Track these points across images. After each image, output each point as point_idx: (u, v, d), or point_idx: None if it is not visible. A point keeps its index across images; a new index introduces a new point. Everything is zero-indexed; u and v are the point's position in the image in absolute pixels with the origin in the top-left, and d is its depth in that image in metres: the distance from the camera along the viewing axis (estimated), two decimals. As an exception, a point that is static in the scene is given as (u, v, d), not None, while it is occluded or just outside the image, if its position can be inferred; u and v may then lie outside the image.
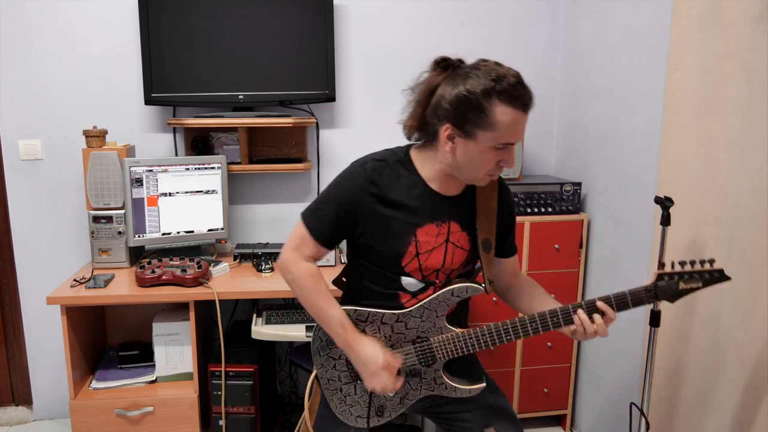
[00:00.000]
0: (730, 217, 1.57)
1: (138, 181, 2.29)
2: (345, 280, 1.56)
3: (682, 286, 1.29)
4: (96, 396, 2.14)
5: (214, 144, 2.54)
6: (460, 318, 1.47)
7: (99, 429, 2.12)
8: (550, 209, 2.38)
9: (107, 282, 2.13)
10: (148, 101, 2.37)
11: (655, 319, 1.63)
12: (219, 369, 2.19)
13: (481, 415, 1.49)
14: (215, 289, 2.07)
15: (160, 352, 2.21)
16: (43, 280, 2.56)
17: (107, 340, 2.56)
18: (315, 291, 1.37)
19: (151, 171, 2.31)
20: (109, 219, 2.28)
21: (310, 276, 1.37)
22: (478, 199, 1.40)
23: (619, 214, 2.21)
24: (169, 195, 2.35)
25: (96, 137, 2.27)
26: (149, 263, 2.20)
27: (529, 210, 2.37)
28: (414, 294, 1.39)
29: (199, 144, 2.49)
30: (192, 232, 2.40)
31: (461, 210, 1.39)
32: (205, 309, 2.49)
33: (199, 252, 2.46)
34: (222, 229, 2.45)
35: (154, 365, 2.24)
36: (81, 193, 2.50)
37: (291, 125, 2.43)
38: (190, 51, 2.34)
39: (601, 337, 1.30)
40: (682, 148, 1.73)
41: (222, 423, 2.22)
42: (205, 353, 2.48)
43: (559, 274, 2.41)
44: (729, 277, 1.29)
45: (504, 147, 1.26)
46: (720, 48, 1.58)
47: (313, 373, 1.53)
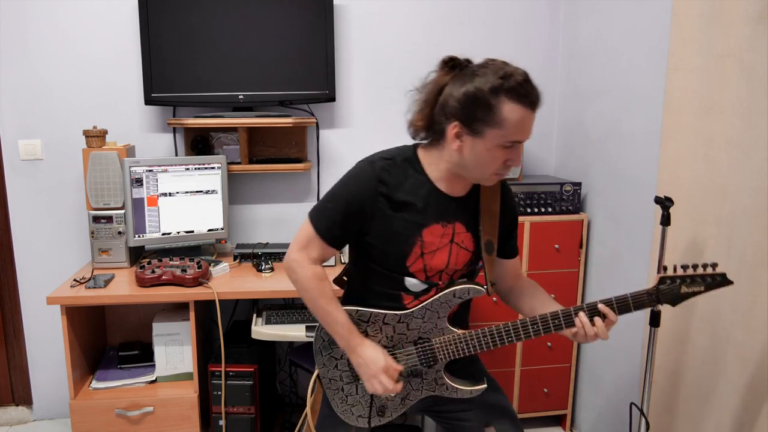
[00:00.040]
0: (729, 217, 1.57)
1: (138, 181, 2.29)
2: (346, 279, 1.56)
3: (684, 290, 1.29)
4: (96, 396, 2.14)
5: (214, 144, 2.54)
6: (461, 319, 1.47)
7: (99, 429, 2.12)
8: (550, 209, 2.39)
9: (107, 282, 2.13)
10: (148, 101, 2.37)
11: (655, 319, 1.63)
12: (219, 369, 2.19)
13: (482, 414, 1.50)
14: (215, 289, 2.07)
15: (160, 352, 2.21)
16: (43, 280, 2.56)
17: (107, 340, 2.56)
18: (320, 293, 1.37)
19: (151, 171, 2.31)
20: (109, 219, 2.28)
21: (317, 278, 1.37)
22: (481, 201, 1.40)
23: (619, 214, 2.21)
24: (169, 195, 2.35)
25: (96, 137, 2.27)
26: (149, 263, 2.20)
27: (529, 210, 2.38)
28: (417, 295, 1.40)
29: (199, 144, 2.49)
30: (192, 232, 2.40)
31: (466, 211, 1.39)
32: (205, 309, 2.49)
33: (199, 252, 2.46)
34: (222, 229, 2.45)
35: (154, 365, 2.24)
36: (81, 193, 2.50)
37: (291, 125, 2.43)
38: (190, 51, 2.34)
39: (602, 339, 1.30)
40: (681, 148, 1.74)
41: (222, 423, 2.22)
42: (205, 353, 2.48)
43: (559, 274, 2.41)
44: (731, 282, 1.29)
45: (511, 145, 1.26)
46: (720, 48, 1.58)
47: (315, 373, 1.53)
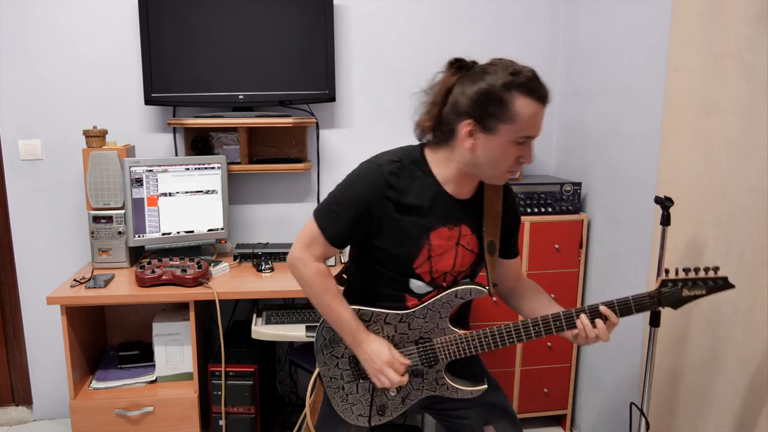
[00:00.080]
0: (729, 217, 1.57)
1: (138, 181, 2.29)
2: (345, 276, 1.56)
3: (686, 293, 1.29)
4: (96, 396, 2.14)
5: (214, 144, 2.54)
6: (462, 319, 1.48)
7: (99, 429, 2.12)
8: (550, 209, 2.39)
9: (107, 282, 2.13)
10: (148, 101, 2.37)
11: (655, 319, 1.63)
12: (219, 369, 2.19)
13: (481, 413, 1.50)
14: (215, 289, 2.07)
15: (160, 352, 2.21)
16: (43, 280, 2.56)
17: (107, 340, 2.56)
18: (325, 290, 1.37)
19: (151, 171, 2.31)
20: (109, 219, 2.28)
21: (321, 275, 1.38)
22: (485, 202, 1.41)
23: (619, 214, 2.21)
24: (169, 195, 2.35)
25: (96, 137, 2.27)
26: (149, 263, 2.20)
27: (529, 210, 2.38)
28: (420, 297, 1.40)
29: (199, 144, 2.49)
30: (192, 232, 2.40)
31: (471, 213, 1.40)
32: (205, 309, 2.49)
33: (199, 252, 2.46)
34: (222, 229, 2.45)
35: (154, 365, 2.24)
36: (81, 193, 2.50)
37: (291, 125, 2.43)
38: (190, 51, 2.34)
39: (603, 341, 1.30)
40: (681, 148, 1.74)
41: (222, 423, 2.22)
42: (205, 353, 2.48)
43: (559, 274, 2.41)
44: (733, 285, 1.29)
45: (524, 141, 1.26)
46: (720, 48, 1.58)
47: (316, 371, 1.53)
